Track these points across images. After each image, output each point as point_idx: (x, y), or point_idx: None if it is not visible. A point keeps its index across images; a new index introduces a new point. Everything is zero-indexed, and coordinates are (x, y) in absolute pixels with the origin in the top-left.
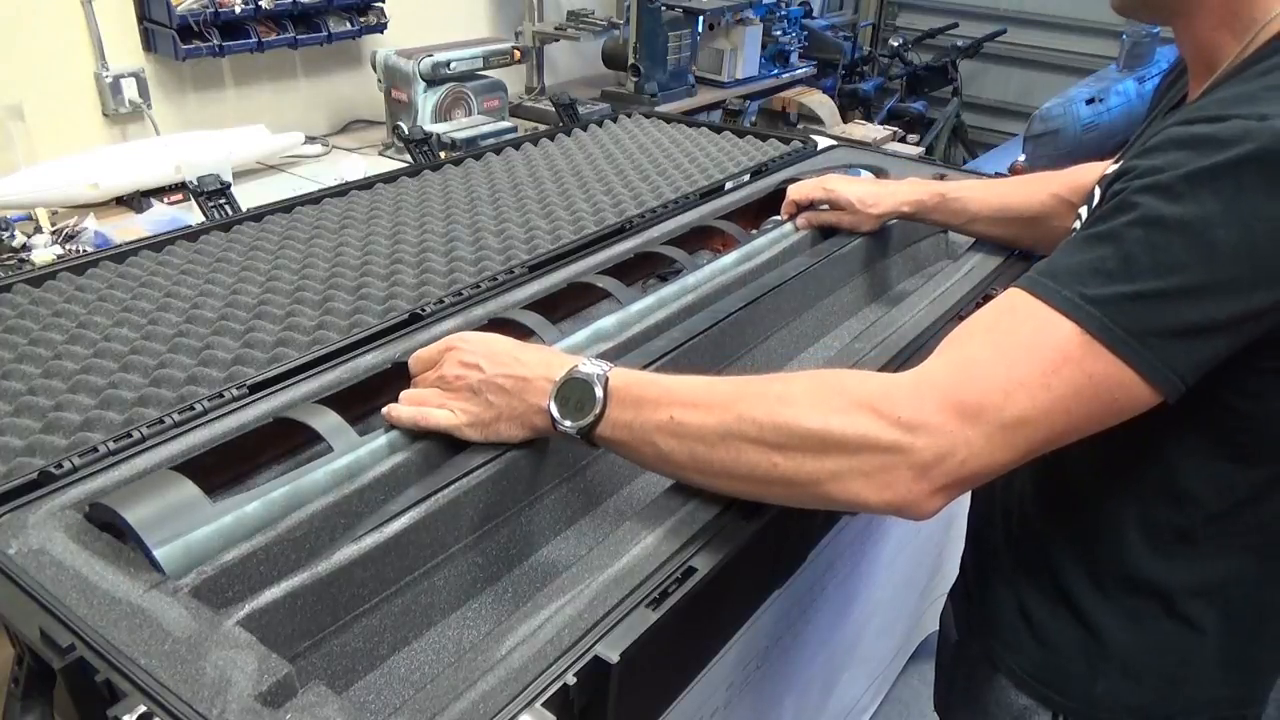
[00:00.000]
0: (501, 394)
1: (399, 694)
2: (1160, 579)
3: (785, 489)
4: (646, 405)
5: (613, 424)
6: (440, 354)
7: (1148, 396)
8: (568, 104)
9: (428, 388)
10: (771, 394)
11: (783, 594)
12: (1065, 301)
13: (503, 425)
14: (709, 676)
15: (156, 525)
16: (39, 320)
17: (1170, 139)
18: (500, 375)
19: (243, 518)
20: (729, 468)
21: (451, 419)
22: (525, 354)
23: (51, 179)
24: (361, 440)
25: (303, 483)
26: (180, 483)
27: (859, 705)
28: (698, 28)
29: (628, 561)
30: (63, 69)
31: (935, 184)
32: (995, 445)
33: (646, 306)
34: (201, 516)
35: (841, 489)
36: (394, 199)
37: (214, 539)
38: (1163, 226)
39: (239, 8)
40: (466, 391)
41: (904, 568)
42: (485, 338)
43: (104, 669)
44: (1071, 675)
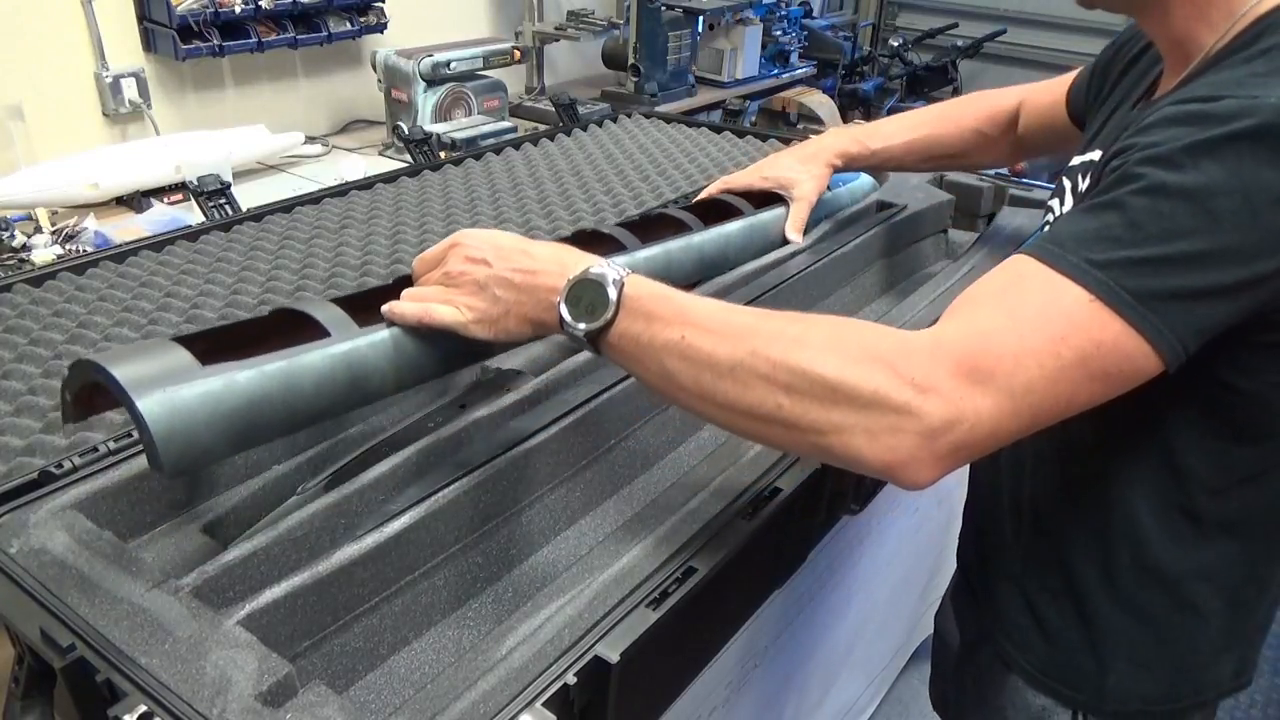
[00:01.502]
0: (510, 289)
1: (399, 694)
2: (1169, 564)
3: (785, 432)
4: (659, 320)
5: (621, 333)
6: (445, 251)
7: (1152, 364)
8: (568, 104)
9: (432, 286)
10: (789, 334)
11: (782, 594)
12: (1072, 266)
13: (511, 322)
14: (709, 676)
15: (142, 381)
16: (39, 320)
17: (1165, 117)
18: (508, 269)
19: (233, 384)
20: (733, 400)
21: (457, 315)
22: (536, 248)
23: (51, 179)
24: (362, 332)
25: (299, 360)
26: (170, 346)
27: (858, 705)
28: (698, 28)
29: (628, 561)
30: (63, 69)
31: (855, 130)
32: (1003, 413)
33: (652, 255)
34: (190, 377)
35: (843, 443)
36: (394, 199)
37: (203, 401)
38: (1166, 194)
39: (239, 8)
40: (472, 286)
41: (903, 568)
42: (491, 233)
43: (104, 669)
44: (1082, 671)
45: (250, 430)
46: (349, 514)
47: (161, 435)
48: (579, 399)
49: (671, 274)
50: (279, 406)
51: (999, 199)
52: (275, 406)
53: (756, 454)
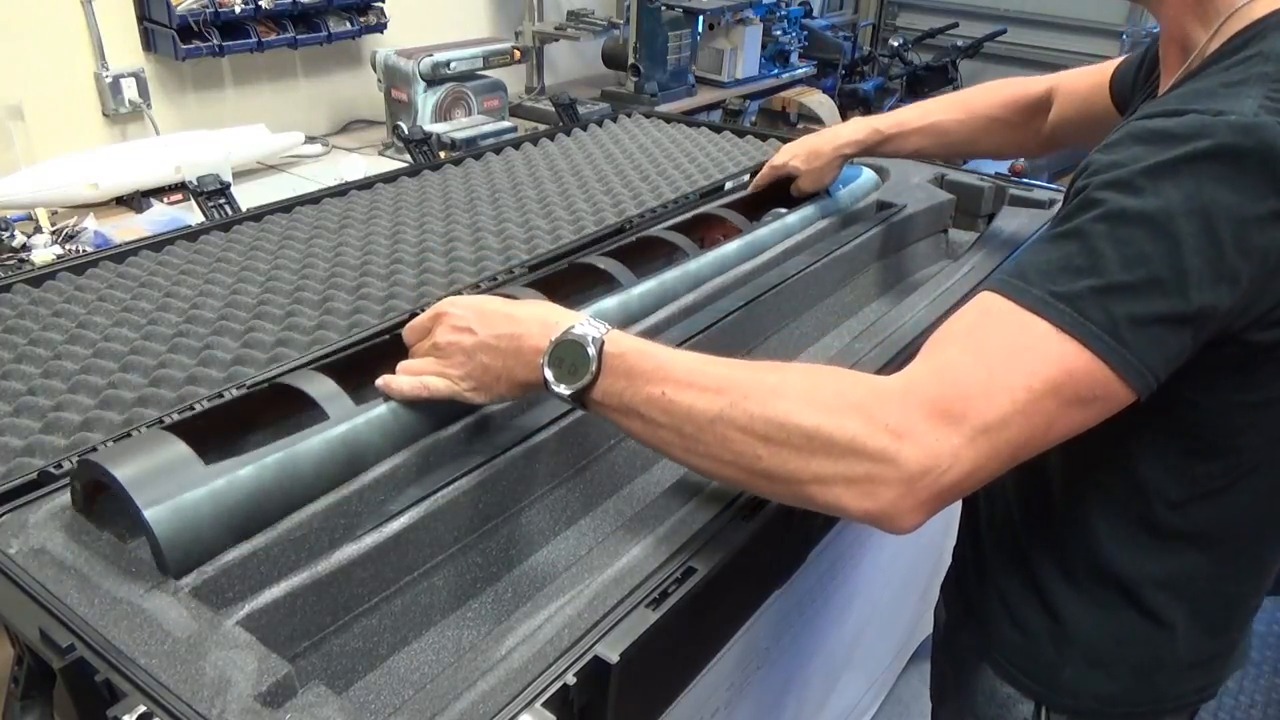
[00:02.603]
0: (495, 354)
1: (399, 694)
2: (1126, 570)
3: (767, 483)
4: (639, 377)
5: (604, 391)
6: (432, 321)
7: (1123, 394)
8: (568, 104)
9: (423, 357)
10: (766, 384)
11: (783, 594)
12: (1036, 300)
13: (503, 386)
14: (709, 676)
15: (146, 484)
16: (39, 320)
17: (1128, 134)
18: (492, 336)
19: (235, 481)
20: (715, 452)
21: (452, 386)
22: (519, 311)
23: (51, 179)
24: (358, 409)
25: (298, 449)
26: (171, 442)
27: (860, 705)
28: (698, 28)
29: (628, 561)
30: (63, 69)
31: (875, 121)
32: (980, 452)
33: (648, 290)
34: (193, 478)
35: (824, 493)
36: (394, 199)
37: (205, 501)
38: (1126, 220)
39: (239, 8)
40: (461, 356)
41: (904, 568)
42: (475, 300)
43: (104, 669)
44: (1041, 662)
45: (250, 522)
46: (349, 514)
47: (168, 541)
48: None
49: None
50: (279, 496)
51: (999, 199)
52: (275, 497)
53: None
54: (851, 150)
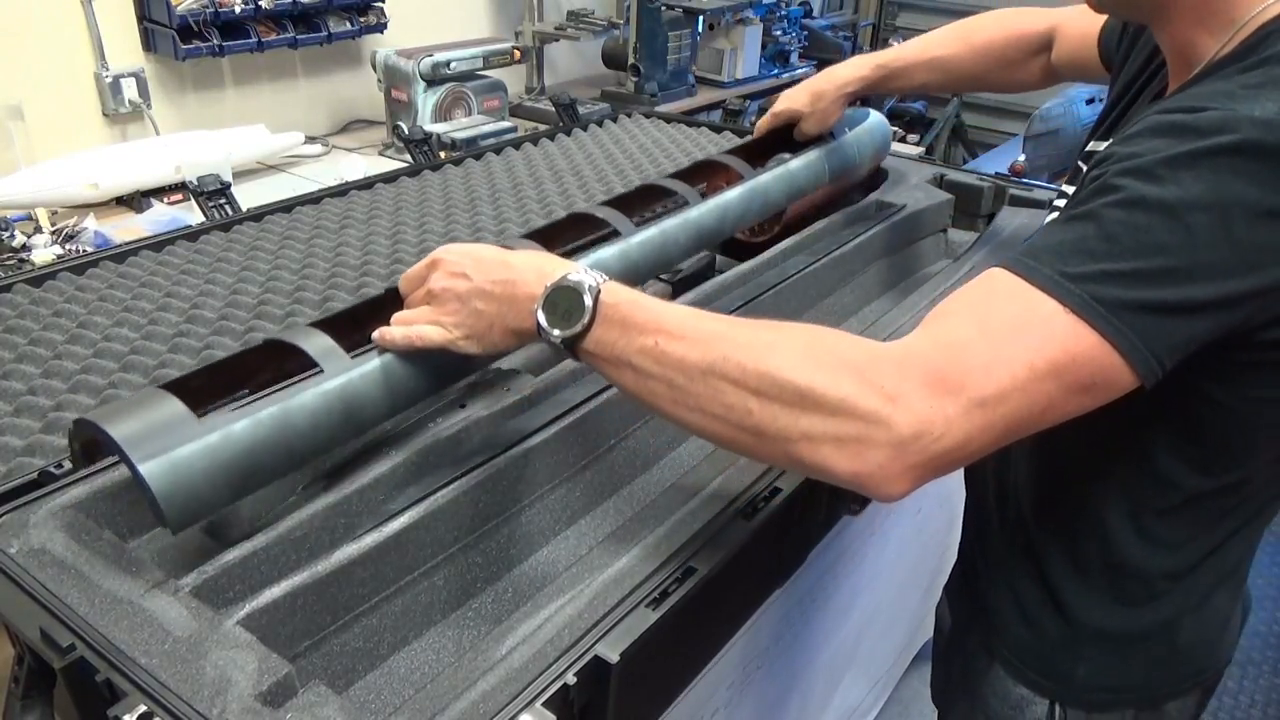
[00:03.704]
0: (490, 300)
1: (399, 694)
2: (1141, 564)
3: (755, 440)
4: (633, 327)
5: (597, 340)
6: (427, 269)
7: (1126, 380)
8: (568, 104)
9: (418, 306)
10: (761, 340)
11: (783, 594)
12: (1047, 279)
13: (496, 334)
14: (709, 676)
15: (141, 440)
16: (39, 320)
17: (1148, 127)
18: (487, 281)
19: (230, 435)
20: (704, 405)
21: (445, 334)
22: (514, 258)
23: (51, 179)
24: (353, 362)
25: (292, 403)
26: (165, 399)
27: (862, 706)
28: (698, 28)
29: (628, 561)
30: (63, 69)
31: (877, 57)
32: (974, 425)
33: (648, 238)
34: (188, 433)
35: (811, 451)
36: (394, 199)
37: (200, 456)
38: (1144, 208)
39: (239, 8)
40: (455, 302)
41: (906, 568)
42: (470, 246)
43: (104, 669)
44: (1056, 660)
45: (249, 478)
46: (349, 514)
47: (164, 495)
48: (579, 399)
49: (669, 252)
50: (276, 451)
51: (999, 199)
52: (272, 451)
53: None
54: (856, 88)
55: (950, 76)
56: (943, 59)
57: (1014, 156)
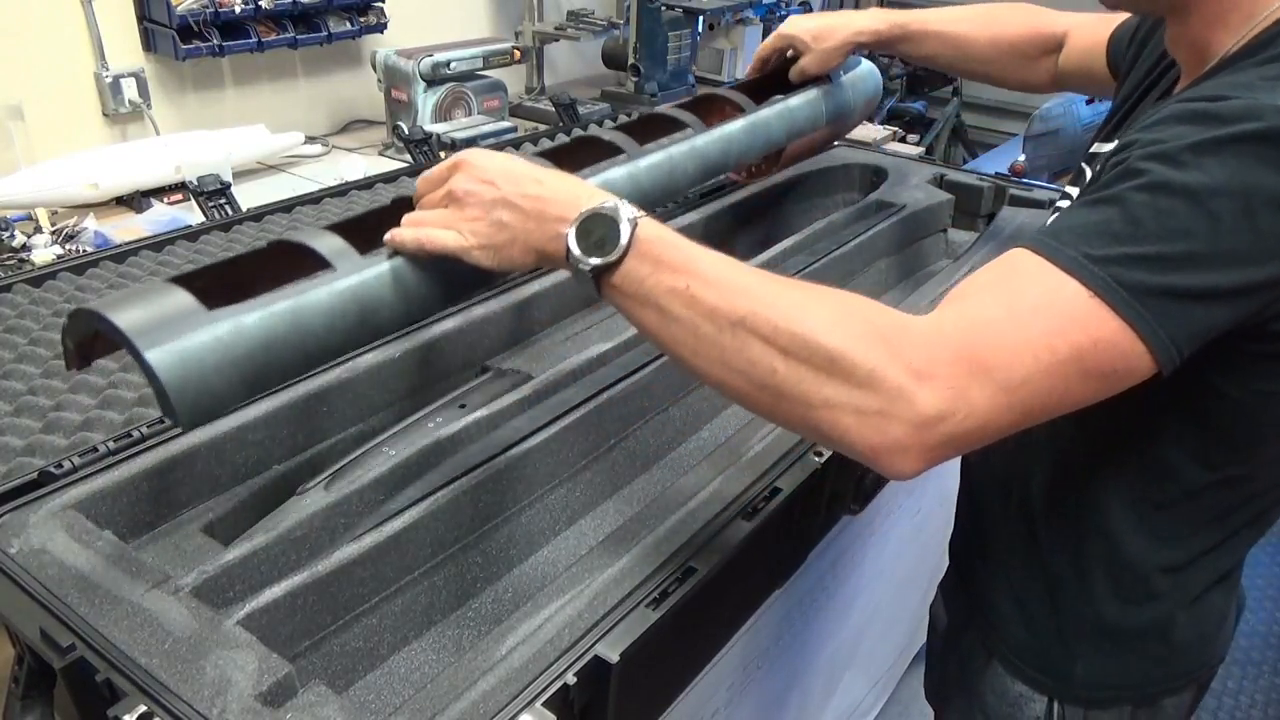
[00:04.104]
0: (517, 214)
1: (399, 694)
2: (1143, 560)
3: (773, 399)
4: (665, 266)
5: (626, 273)
6: (449, 170)
7: (1145, 366)
8: (568, 104)
9: (434, 209)
10: (794, 298)
11: (783, 594)
12: (1070, 261)
13: (515, 250)
14: (709, 676)
15: (147, 330)
16: (39, 320)
17: (1172, 115)
18: (517, 194)
19: (242, 328)
20: (729, 358)
21: (460, 240)
22: (547, 176)
23: (51, 179)
24: (366, 262)
25: (305, 299)
26: (171, 290)
27: (862, 706)
28: (698, 28)
29: (628, 561)
30: (63, 69)
31: (896, 15)
32: (996, 407)
33: (655, 163)
34: (197, 324)
35: (831, 419)
36: None
37: (211, 348)
38: (1168, 192)
39: (239, 8)
40: (478, 208)
41: (906, 568)
42: (500, 155)
43: (104, 669)
44: (1053, 657)
45: (263, 374)
46: (349, 514)
47: (174, 387)
48: (579, 399)
49: (675, 179)
50: (290, 348)
51: (999, 199)
52: (287, 348)
53: (756, 454)
54: (867, 40)
55: (961, 56)
56: (959, 37)
57: (1014, 156)
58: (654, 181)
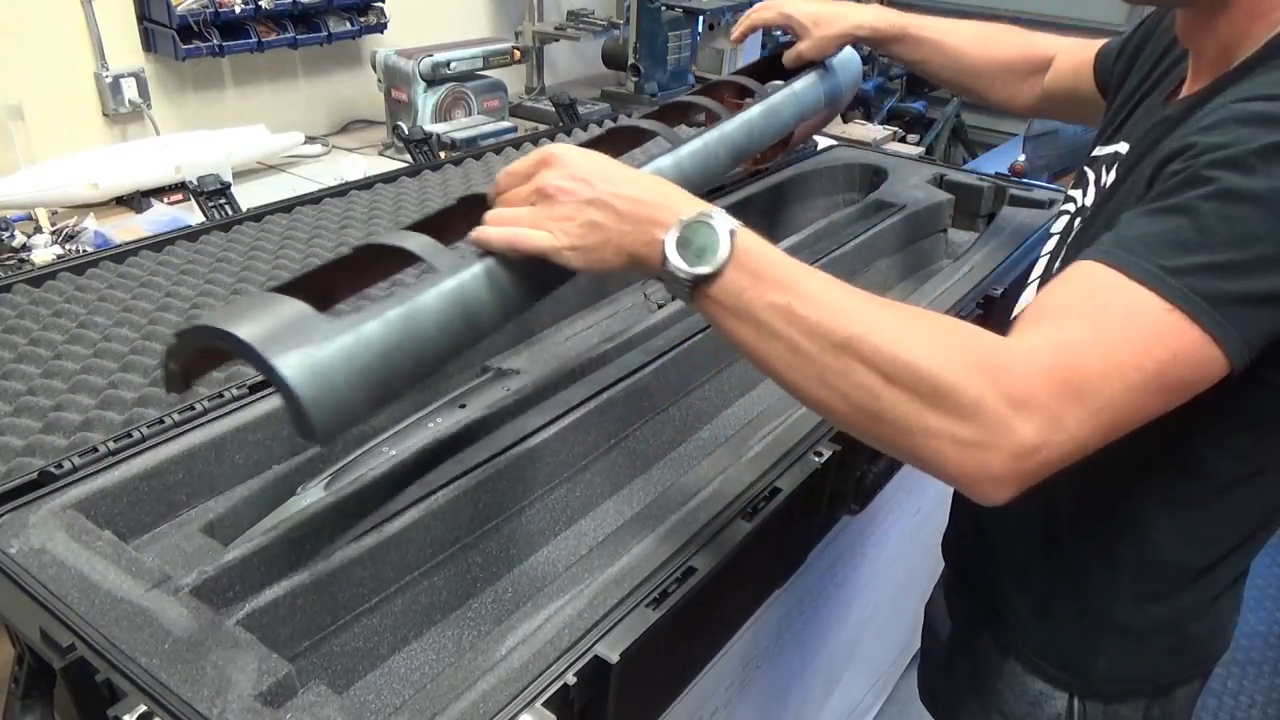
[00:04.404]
0: (612, 215)
1: (399, 694)
2: (1171, 556)
3: (870, 421)
4: (766, 281)
5: (724, 285)
6: (537, 165)
7: (1219, 371)
8: (568, 104)
9: (519, 206)
10: (897, 323)
11: (784, 594)
12: (1147, 273)
13: (608, 252)
14: (709, 676)
15: (274, 342)
16: (39, 320)
17: (1232, 116)
18: (612, 194)
19: (363, 337)
20: (827, 377)
21: (551, 240)
22: (642, 178)
23: (51, 179)
24: (462, 262)
25: (418, 304)
26: (283, 300)
27: (862, 705)
28: (698, 28)
29: (628, 561)
30: (63, 69)
31: (896, 15)
32: (1086, 429)
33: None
34: (319, 334)
35: (930, 448)
36: (394, 199)
37: (340, 359)
38: (1238, 199)
39: (239, 8)
40: (573, 206)
41: (905, 567)
42: (590, 153)
43: (104, 669)
44: (1076, 654)
45: (387, 383)
46: (349, 514)
47: (310, 399)
48: (579, 399)
49: (710, 167)
50: (408, 355)
51: (999, 199)
52: (404, 355)
53: (756, 454)
54: (865, 35)
55: (952, 66)
56: (955, 48)
57: (1014, 156)
58: (695, 169)
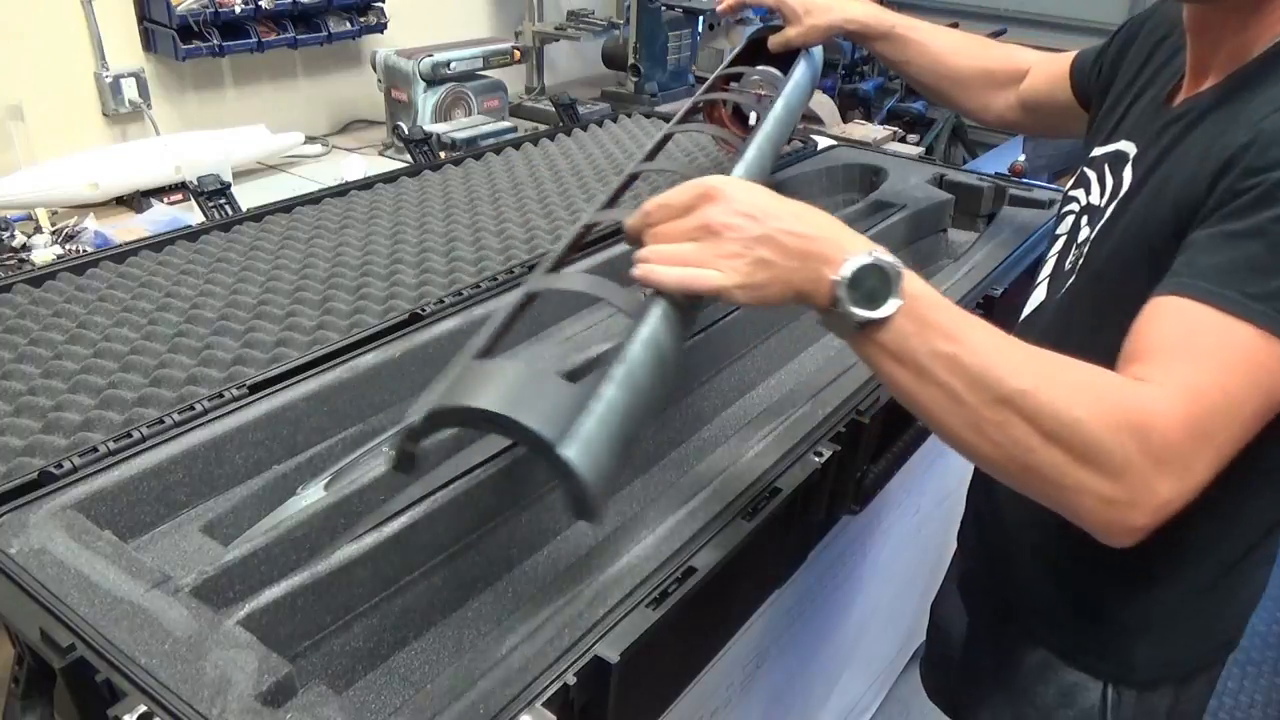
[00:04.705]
0: (780, 252)
1: (399, 694)
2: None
3: (1021, 472)
4: (933, 328)
5: (891, 329)
6: (695, 200)
7: None
8: (568, 104)
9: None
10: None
11: (784, 594)
12: (1234, 304)
13: (774, 289)
14: (710, 676)
15: (551, 423)
16: (39, 320)
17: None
18: (780, 231)
19: (610, 404)
20: (985, 428)
21: (722, 279)
22: (805, 212)
23: (51, 179)
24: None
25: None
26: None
27: (861, 704)
28: (698, 28)
29: (628, 561)
30: (63, 69)
31: (889, 14)
32: (1212, 469)
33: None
34: (576, 404)
35: (1078, 500)
36: (394, 199)
37: (598, 429)
38: None
39: (239, 8)
40: (738, 245)
41: (905, 567)
42: (752, 186)
43: (104, 669)
44: (1113, 643)
45: (628, 446)
46: (349, 514)
47: (592, 483)
48: None
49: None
50: (637, 412)
51: (999, 199)
52: (635, 413)
53: (756, 454)
54: (855, 29)
55: (934, 70)
56: (939, 52)
57: (1014, 156)
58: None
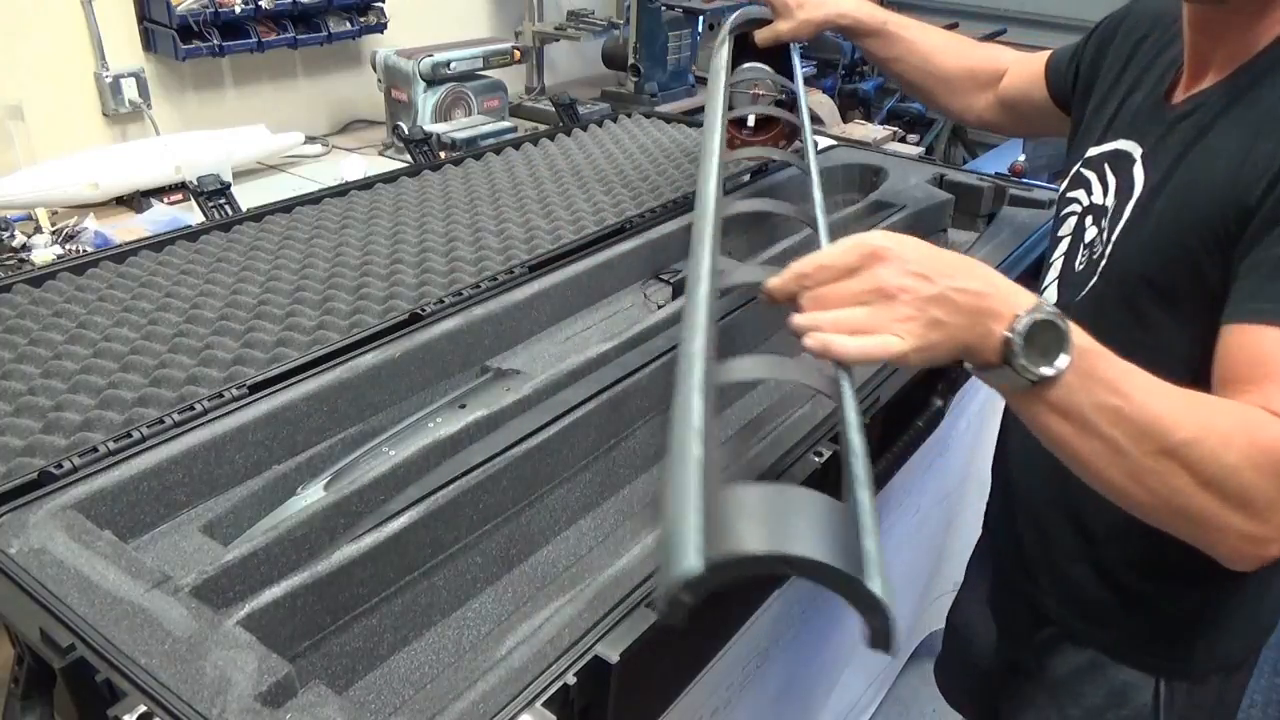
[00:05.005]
0: (951, 310)
1: (399, 694)
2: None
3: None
4: (1098, 382)
5: (1061, 384)
6: (863, 260)
7: None
8: (568, 104)
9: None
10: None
11: (783, 593)
12: None
13: (943, 349)
14: (710, 676)
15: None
16: (39, 320)
17: None
18: (955, 290)
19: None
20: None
21: (900, 346)
22: (976, 268)
23: (51, 179)
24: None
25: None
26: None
27: (860, 703)
28: (698, 28)
29: (628, 561)
30: (63, 69)
31: (881, 11)
32: None
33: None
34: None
35: (1219, 537)
36: (394, 199)
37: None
38: None
39: (239, 8)
40: (911, 307)
41: (904, 567)
42: (918, 242)
43: (104, 669)
44: (1171, 639)
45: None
46: (349, 514)
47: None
48: (579, 399)
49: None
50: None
51: (999, 199)
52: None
53: (757, 454)
54: (847, 24)
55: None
56: (928, 50)
57: (1014, 156)
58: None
